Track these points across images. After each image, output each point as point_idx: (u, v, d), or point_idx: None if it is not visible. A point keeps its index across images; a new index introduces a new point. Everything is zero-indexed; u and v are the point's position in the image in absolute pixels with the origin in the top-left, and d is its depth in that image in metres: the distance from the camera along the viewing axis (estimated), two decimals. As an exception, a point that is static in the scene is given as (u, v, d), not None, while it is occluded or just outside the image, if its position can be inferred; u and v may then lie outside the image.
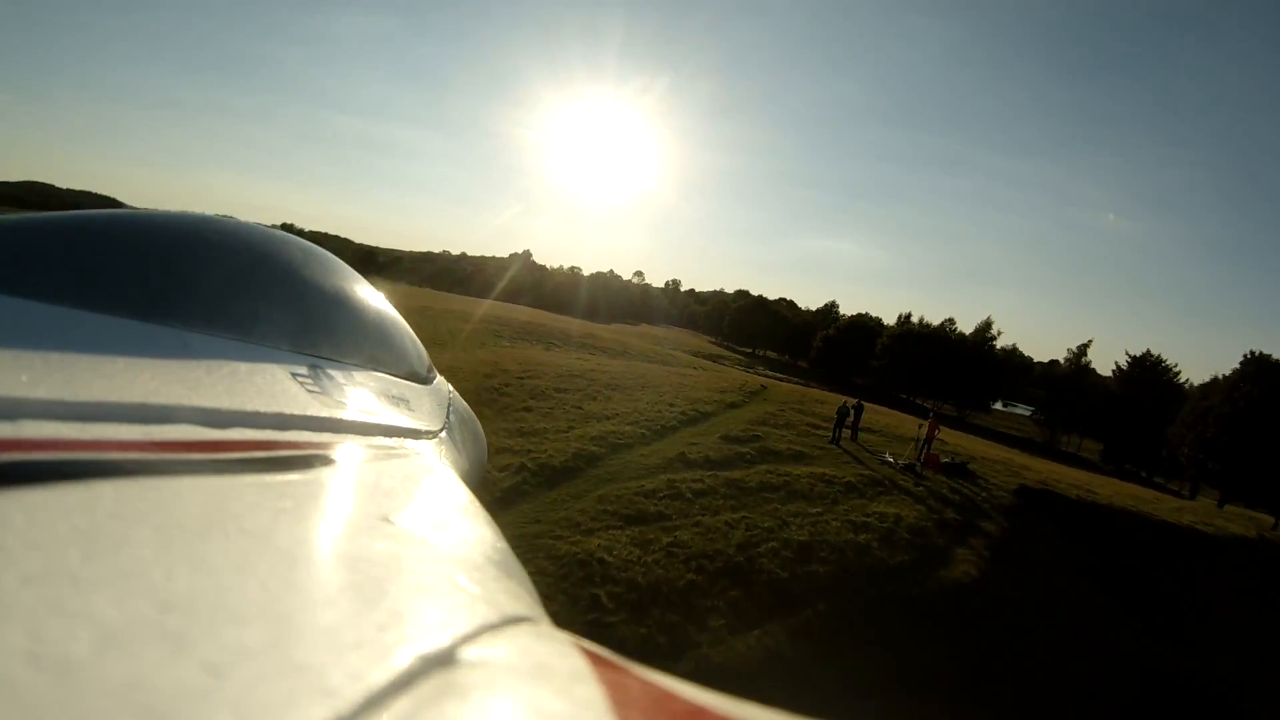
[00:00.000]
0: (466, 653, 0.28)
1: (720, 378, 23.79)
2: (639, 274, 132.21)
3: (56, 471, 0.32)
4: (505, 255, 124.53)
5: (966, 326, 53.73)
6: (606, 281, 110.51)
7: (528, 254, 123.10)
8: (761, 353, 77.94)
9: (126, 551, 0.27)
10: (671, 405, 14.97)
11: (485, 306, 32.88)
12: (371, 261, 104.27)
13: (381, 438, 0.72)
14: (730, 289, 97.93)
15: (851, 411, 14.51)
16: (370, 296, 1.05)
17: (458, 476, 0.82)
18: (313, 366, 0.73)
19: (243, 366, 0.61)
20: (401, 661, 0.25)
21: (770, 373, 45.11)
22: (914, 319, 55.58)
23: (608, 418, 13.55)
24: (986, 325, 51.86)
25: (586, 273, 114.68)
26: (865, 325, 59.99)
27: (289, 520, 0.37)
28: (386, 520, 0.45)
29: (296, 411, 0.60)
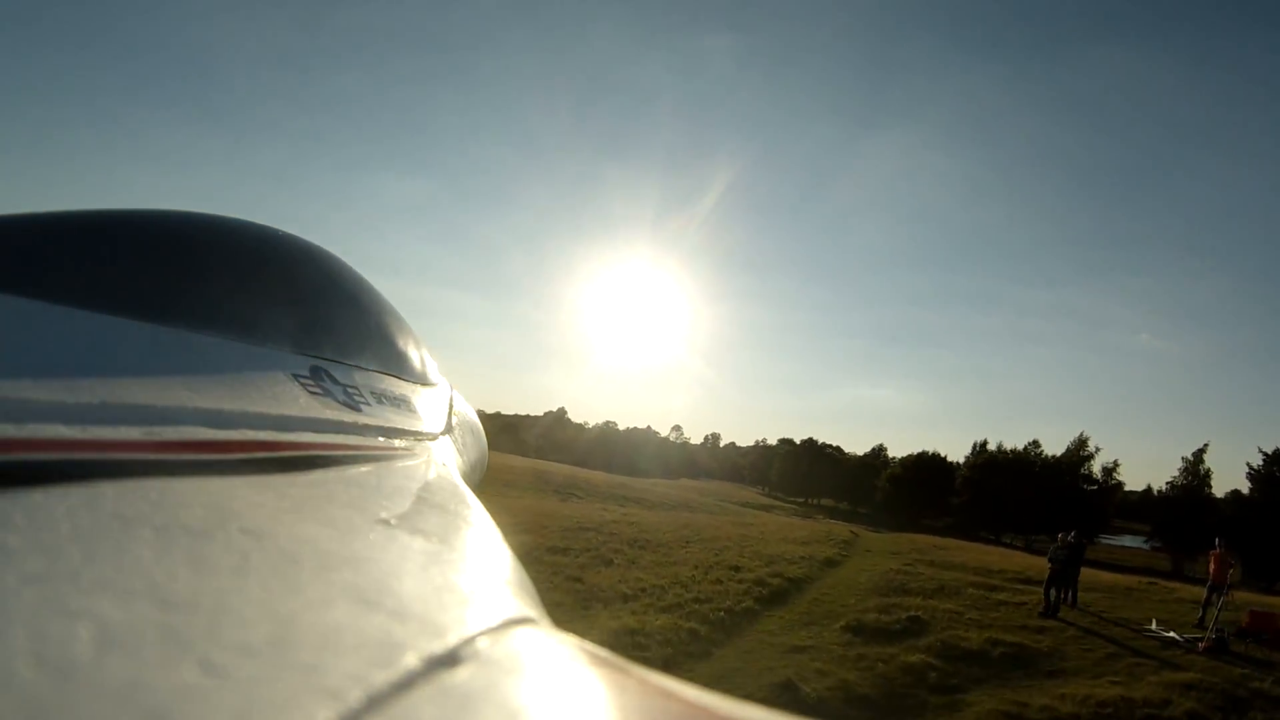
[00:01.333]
0: (468, 653, 0.28)
1: (793, 526, 18.02)
2: (677, 428, 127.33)
3: (58, 472, 0.32)
4: (540, 413, 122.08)
5: (1052, 449, 46.57)
6: (643, 437, 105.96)
7: (562, 411, 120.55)
8: (815, 501, 70.16)
9: (128, 552, 0.27)
10: (736, 570, 9.23)
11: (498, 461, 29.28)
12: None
13: (383, 439, 0.72)
14: (772, 440, 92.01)
15: (1066, 552, 8.62)
16: (373, 297, 1.05)
17: (459, 478, 0.83)
18: (315, 367, 0.73)
19: (244, 367, 0.61)
20: (403, 662, 0.25)
21: (839, 521, 38.27)
22: (990, 445, 48.70)
23: (626, 598, 7.09)
24: (1081, 443, 44.55)
25: (622, 428, 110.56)
26: (935, 460, 52.95)
27: (290, 521, 0.37)
28: (388, 521, 0.45)
29: (298, 413, 0.60)
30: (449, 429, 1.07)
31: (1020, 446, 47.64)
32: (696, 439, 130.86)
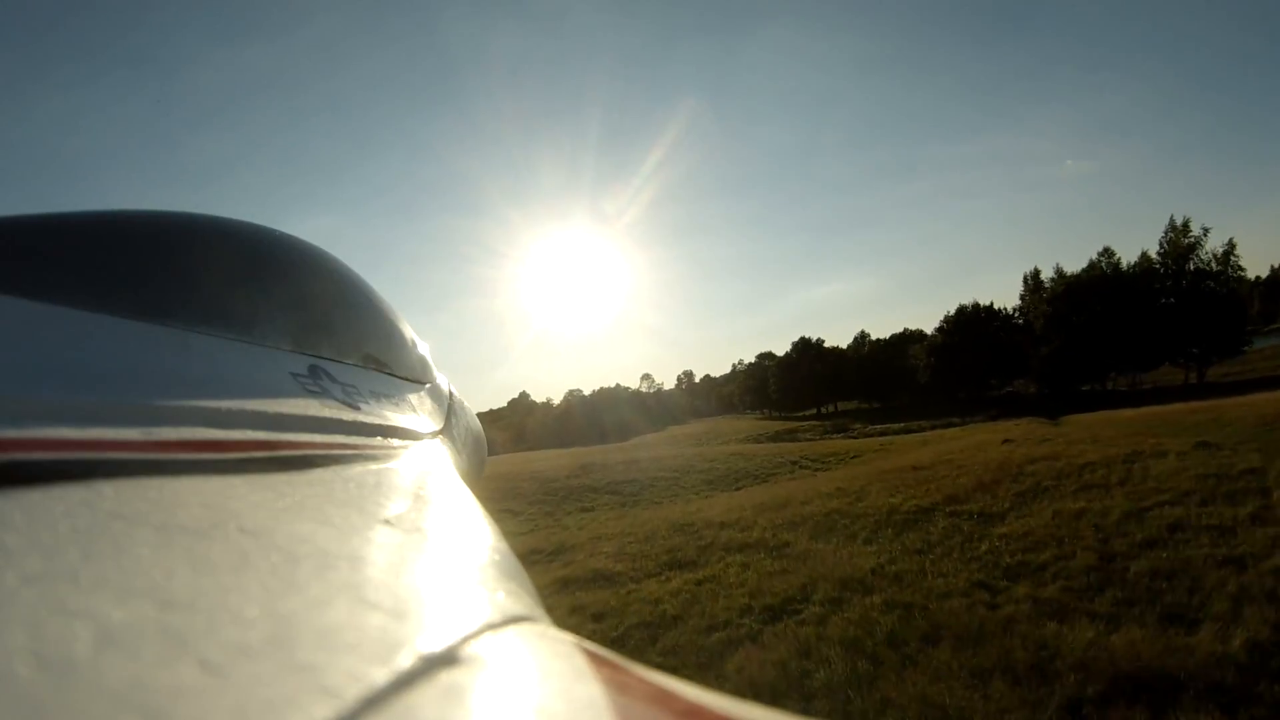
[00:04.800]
0: (468, 652, 0.28)
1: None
2: (647, 377, 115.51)
3: (57, 471, 0.32)
4: (505, 404, 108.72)
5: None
6: (613, 396, 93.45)
7: (524, 395, 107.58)
8: (833, 408, 58.22)
9: (127, 551, 0.27)
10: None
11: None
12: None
13: (382, 438, 0.71)
14: (749, 359, 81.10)
15: None
16: (371, 296, 1.04)
17: (458, 476, 0.81)
18: (313, 366, 0.72)
19: (242, 366, 0.61)
20: (402, 661, 0.25)
21: (882, 427, 25.82)
22: (1052, 273, 36.92)
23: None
24: (1179, 229, 32.91)
25: (588, 392, 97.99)
26: (983, 314, 40.84)
27: (289, 520, 0.37)
28: (387, 520, 0.44)
29: (296, 411, 0.59)
30: (448, 427, 1.04)
31: (1077, 269, 35.86)
32: (670, 383, 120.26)
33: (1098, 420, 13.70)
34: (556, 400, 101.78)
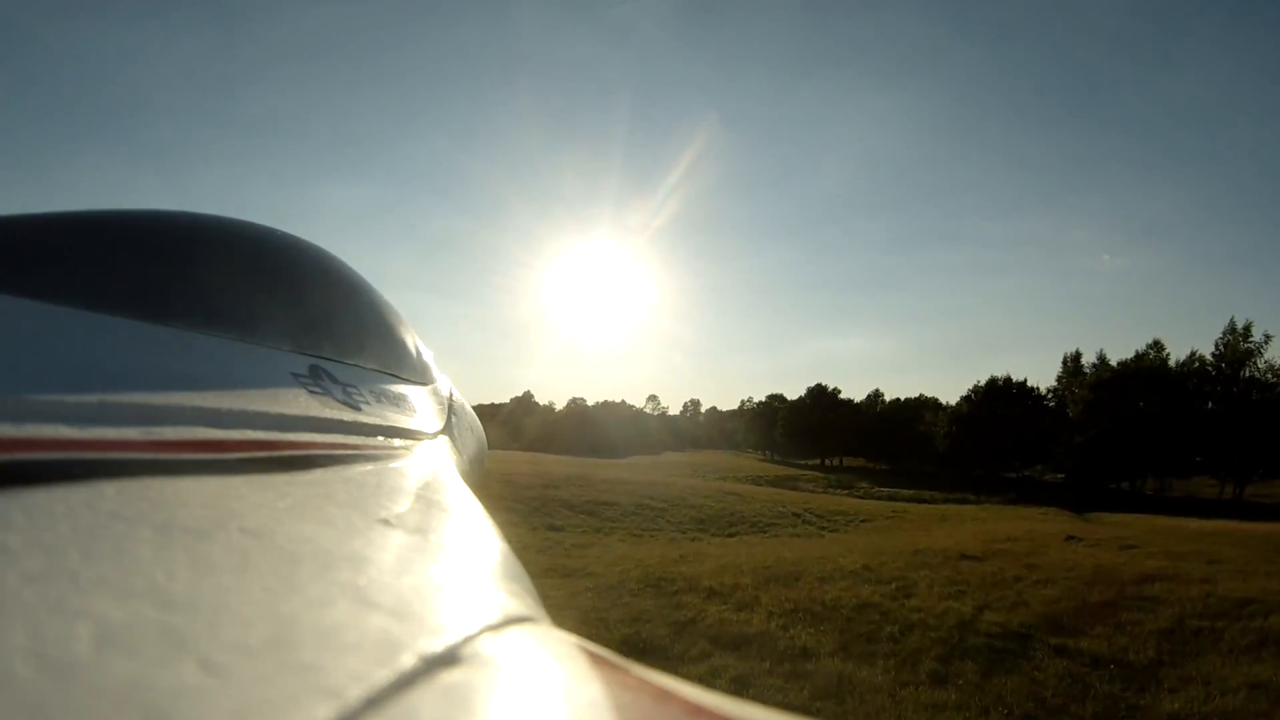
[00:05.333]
0: (469, 653, 0.28)
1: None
2: (653, 399, 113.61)
3: (58, 471, 0.32)
4: (507, 400, 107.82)
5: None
6: (616, 411, 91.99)
7: (528, 395, 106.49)
8: (836, 461, 56.03)
9: (128, 551, 0.27)
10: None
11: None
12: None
13: (382, 438, 0.71)
14: (759, 398, 79.80)
15: None
16: (371, 296, 1.04)
17: (458, 476, 0.80)
18: (313, 366, 0.72)
19: (243, 366, 0.61)
20: (403, 661, 0.25)
21: (891, 491, 23.95)
22: (1090, 360, 34.92)
23: None
24: (1239, 333, 30.76)
25: (591, 403, 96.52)
26: (1015, 390, 38.59)
27: (290, 520, 0.37)
28: (387, 520, 0.44)
29: (297, 412, 0.59)
30: (448, 427, 1.04)
31: (1125, 358, 33.85)
32: (675, 409, 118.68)
33: (1159, 529, 11.70)
34: (560, 405, 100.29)
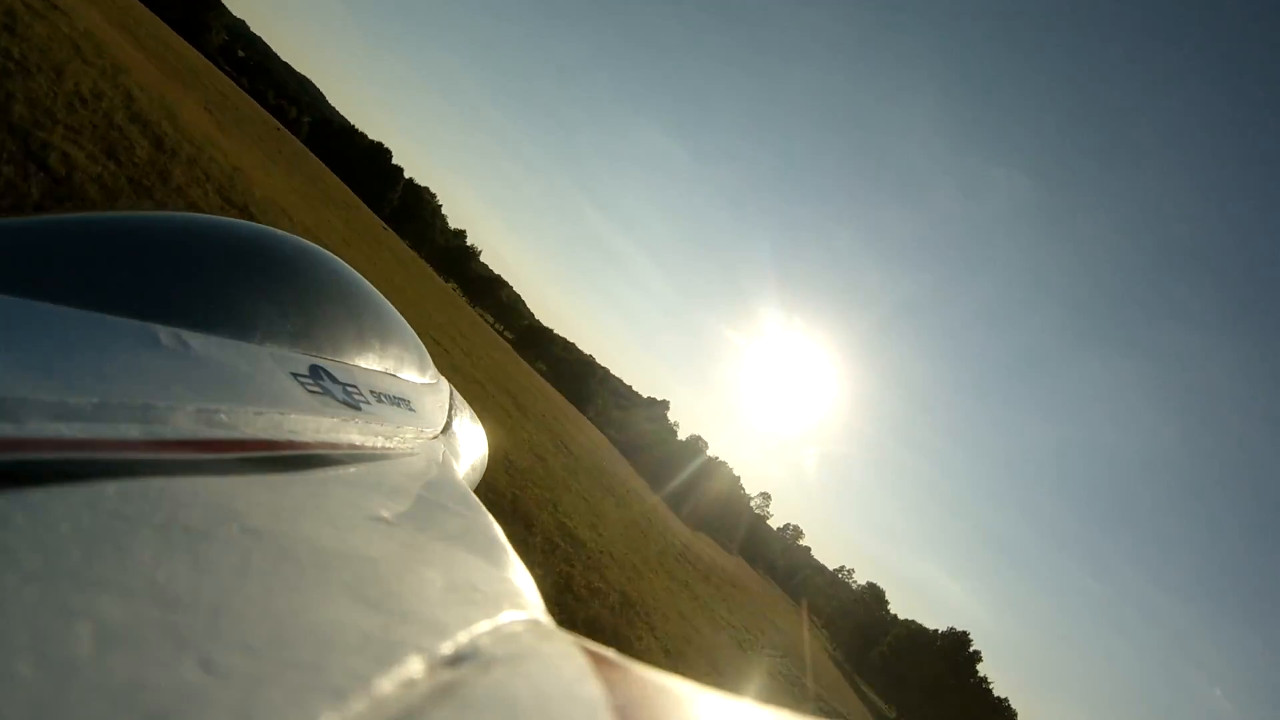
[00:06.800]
0: (469, 652, 0.28)
1: None
2: (764, 495, 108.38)
3: (58, 471, 0.32)
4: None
5: None
6: (731, 490, 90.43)
7: (665, 403, 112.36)
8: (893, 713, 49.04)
9: (128, 551, 0.27)
10: None
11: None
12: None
13: (383, 438, 0.71)
14: (860, 577, 73.09)
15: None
16: (371, 296, 1.04)
17: (459, 477, 0.82)
18: (313, 366, 0.72)
19: (243, 366, 0.61)
20: (404, 661, 0.25)
21: None
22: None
23: None
24: None
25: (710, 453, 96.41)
26: None
27: (290, 520, 0.37)
28: (388, 520, 0.45)
29: (297, 412, 0.60)
30: (449, 427, 1.05)
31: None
32: (776, 522, 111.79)
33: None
34: (684, 436, 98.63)
